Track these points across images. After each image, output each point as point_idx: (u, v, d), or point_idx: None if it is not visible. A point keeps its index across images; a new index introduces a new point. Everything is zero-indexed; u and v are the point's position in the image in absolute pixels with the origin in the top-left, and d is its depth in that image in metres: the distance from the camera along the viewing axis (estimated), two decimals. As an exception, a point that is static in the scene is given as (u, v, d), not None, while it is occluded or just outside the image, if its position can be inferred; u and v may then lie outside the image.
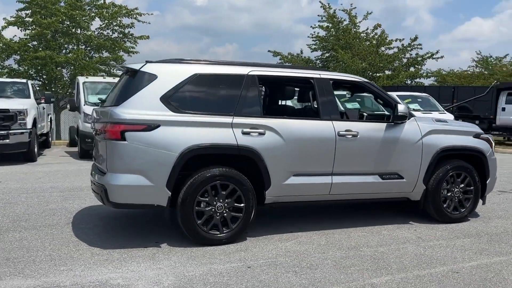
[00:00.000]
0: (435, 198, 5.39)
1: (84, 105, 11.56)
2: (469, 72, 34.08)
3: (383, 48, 24.09)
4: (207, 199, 4.38)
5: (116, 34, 19.84)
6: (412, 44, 24.02)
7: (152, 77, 4.37)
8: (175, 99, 4.37)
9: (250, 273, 3.72)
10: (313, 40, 26.40)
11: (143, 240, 4.57)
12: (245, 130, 4.48)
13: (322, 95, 4.95)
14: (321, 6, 25.52)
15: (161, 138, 4.22)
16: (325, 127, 4.84)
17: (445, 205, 5.47)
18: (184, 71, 4.50)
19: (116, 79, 13.53)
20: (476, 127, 5.92)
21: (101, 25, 19.55)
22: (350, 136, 4.90)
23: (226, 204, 4.44)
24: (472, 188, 5.59)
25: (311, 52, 26.99)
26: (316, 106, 5.09)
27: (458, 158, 5.55)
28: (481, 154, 5.61)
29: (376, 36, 24.76)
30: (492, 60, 33.92)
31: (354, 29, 25.21)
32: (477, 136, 5.68)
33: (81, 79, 12.42)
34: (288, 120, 4.78)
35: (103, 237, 4.67)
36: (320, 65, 26.27)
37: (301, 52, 26.50)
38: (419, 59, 23.79)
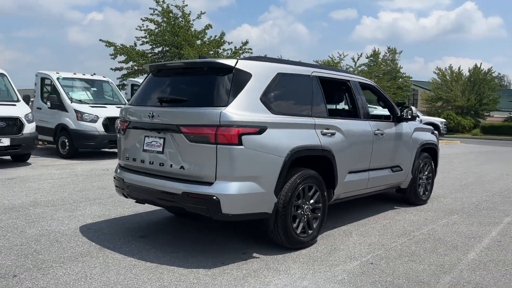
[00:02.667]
0: (415, 185, 6.43)
1: None
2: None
3: (220, 49, 25.08)
4: (299, 202, 4.29)
5: None
6: (243, 47, 25.77)
7: (248, 75, 4.00)
8: (269, 100, 4.11)
9: (387, 268, 3.89)
10: (144, 33, 25.58)
11: (224, 252, 4.15)
12: (323, 131, 4.54)
13: (358, 96, 5.34)
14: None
15: (269, 141, 3.93)
16: (367, 126, 5.27)
17: (419, 190, 6.57)
18: (271, 70, 4.25)
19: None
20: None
21: None
22: (380, 135, 5.45)
23: (310, 206, 4.42)
24: (431, 174, 6.86)
25: (141, 45, 26.12)
26: (352, 106, 5.43)
27: (424, 151, 6.71)
28: (436, 146, 6.93)
29: (208, 36, 25.67)
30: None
31: (187, 27, 25.51)
32: (432, 132, 6.97)
33: None
34: (347, 121, 5.01)
35: (175, 256, 4.00)
36: (158, 60, 25.64)
37: (135, 44, 25.32)
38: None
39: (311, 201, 4.42)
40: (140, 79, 14.10)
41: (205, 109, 3.82)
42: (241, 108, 3.82)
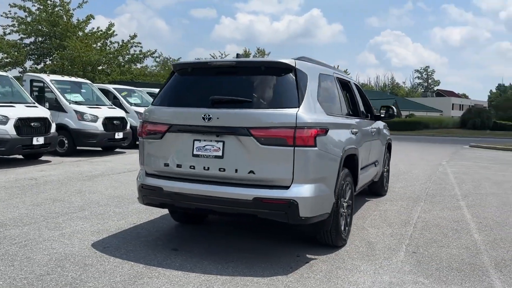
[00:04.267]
0: (383, 177, 7.03)
1: None
2: (154, 71, 39.42)
3: (108, 41, 23.49)
4: (342, 200, 4.39)
5: None
6: (131, 41, 24.50)
7: (306, 76, 3.95)
8: (322, 100, 4.13)
9: (432, 255, 4.24)
10: (12, 21, 22.67)
11: (280, 257, 4.06)
12: (352, 130, 4.71)
13: (358, 95, 5.64)
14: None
15: (331, 141, 3.96)
16: (368, 125, 5.60)
17: (384, 182, 7.20)
18: (316, 71, 4.27)
19: None
20: None
21: None
22: (373, 133, 5.84)
23: (347, 203, 4.56)
24: (388, 167, 7.55)
25: (8, 34, 23.08)
26: (353, 106, 5.69)
27: (387, 146, 7.35)
28: (391, 141, 7.64)
29: (89, 27, 23.95)
30: (169, 62, 40.77)
31: (68, 16, 23.34)
32: (387, 129, 7.66)
33: None
34: (360, 120, 5.25)
35: (235, 266, 3.77)
36: (33, 52, 22.93)
37: (4, 34, 22.22)
38: (140, 56, 24.55)
39: (347, 198, 4.57)
40: (45, 75, 12.43)
41: (279, 110, 3.68)
42: (309, 109, 3.79)
